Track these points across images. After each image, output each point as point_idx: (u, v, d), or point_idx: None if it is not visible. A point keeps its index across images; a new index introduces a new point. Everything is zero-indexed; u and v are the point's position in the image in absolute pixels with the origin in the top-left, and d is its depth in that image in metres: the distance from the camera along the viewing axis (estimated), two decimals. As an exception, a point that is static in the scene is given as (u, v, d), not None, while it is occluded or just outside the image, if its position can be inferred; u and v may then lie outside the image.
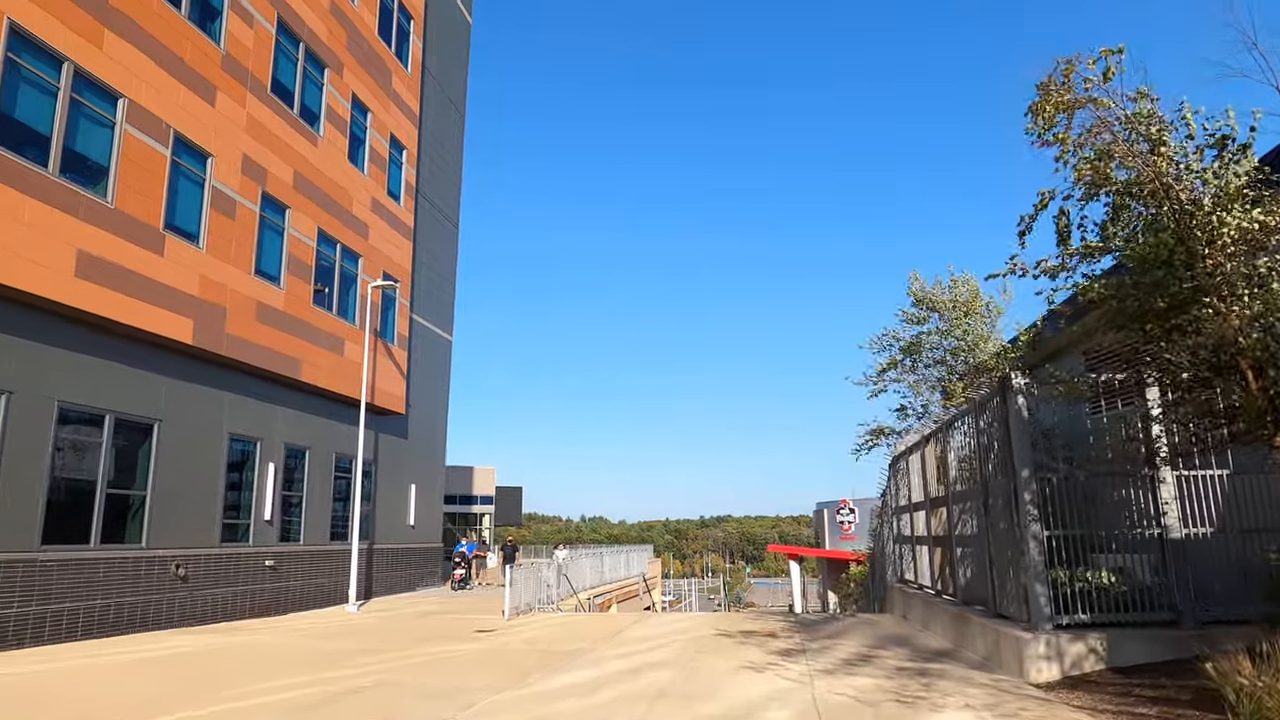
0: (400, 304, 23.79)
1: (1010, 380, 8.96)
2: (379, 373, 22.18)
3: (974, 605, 11.02)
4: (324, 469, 20.24)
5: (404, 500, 24.59)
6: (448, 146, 28.90)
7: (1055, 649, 8.15)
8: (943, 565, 13.03)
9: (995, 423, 9.69)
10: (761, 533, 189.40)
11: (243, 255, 16.80)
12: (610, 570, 26.69)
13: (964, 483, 11.39)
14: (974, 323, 15.69)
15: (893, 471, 17.82)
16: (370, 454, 22.50)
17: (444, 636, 13.89)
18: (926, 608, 13.33)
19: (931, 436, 13.48)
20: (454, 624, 15.99)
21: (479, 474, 65.15)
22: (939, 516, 13.22)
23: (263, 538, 17.62)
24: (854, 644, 11.71)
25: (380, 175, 22.92)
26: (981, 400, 10.19)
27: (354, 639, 13.78)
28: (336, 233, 20.46)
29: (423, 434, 25.93)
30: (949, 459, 11.95)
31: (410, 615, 17.92)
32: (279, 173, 18.15)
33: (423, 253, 26.25)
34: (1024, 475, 8.74)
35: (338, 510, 20.78)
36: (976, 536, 10.66)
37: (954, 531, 11.72)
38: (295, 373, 18.43)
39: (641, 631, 14.12)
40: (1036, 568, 8.50)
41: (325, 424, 20.28)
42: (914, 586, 15.10)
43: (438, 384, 27.52)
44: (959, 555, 11.61)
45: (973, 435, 10.72)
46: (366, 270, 21.78)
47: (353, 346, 20.80)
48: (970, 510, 11.00)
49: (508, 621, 16.43)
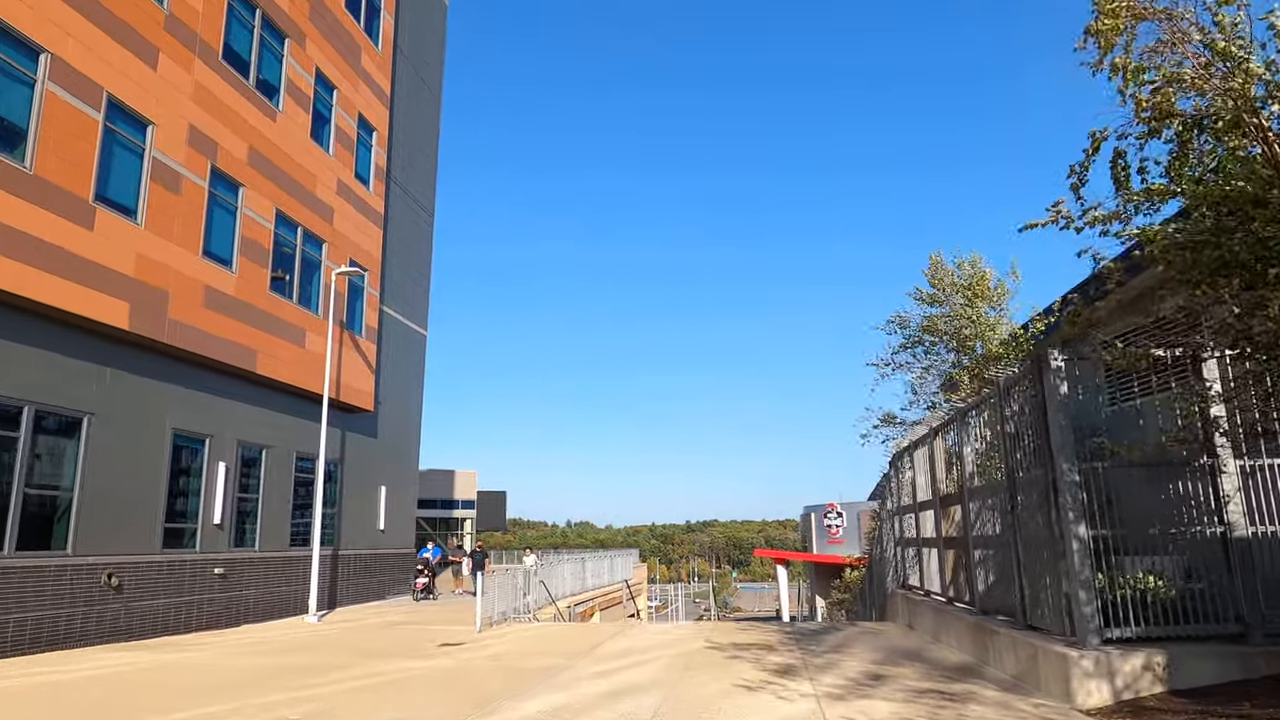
0: (369, 294, 22.40)
1: (1047, 357, 7.75)
2: (345, 367, 20.78)
3: (996, 615, 9.82)
4: (284, 469, 18.81)
5: (373, 503, 23.16)
6: (422, 132, 27.53)
7: (1106, 668, 6.92)
8: (956, 570, 11.82)
9: (1026, 408, 8.48)
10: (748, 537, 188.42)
11: (189, 234, 15.38)
12: (592, 576, 25.33)
13: (984, 478, 10.19)
14: (980, 307, 14.53)
15: (894, 469, 16.63)
16: (335, 453, 21.07)
17: (404, 651, 12.53)
18: (937, 617, 12.11)
19: (943, 428, 12.28)
20: (418, 637, 14.62)
21: (460, 478, 63.54)
22: (951, 516, 12.01)
23: (212, 543, 16.17)
24: (861, 659, 10.46)
25: (347, 157, 21.54)
26: (1008, 383, 8.98)
27: (304, 654, 12.39)
28: (298, 215, 19.07)
29: (394, 433, 24.51)
30: (965, 452, 10.75)
31: (373, 626, 16.51)
32: (231, 147, 16.75)
33: (394, 241, 24.86)
34: (1064, 467, 7.53)
35: (299, 514, 19.34)
36: (1000, 538, 9.45)
37: (971, 532, 10.51)
38: (250, 365, 17.01)
39: (623, 644, 12.81)
40: (1081, 573, 7.28)
41: (285, 420, 18.85)
42: (920, 593, 13.89)
43: (411, 380, 26.12)
44: (977, 559, 10.40)
45: (995, 424, 9.52)
46: (331, 257, 20.39)
47: (315, 338, 19.39)
48: (992, 508, 9.79)
49: (478, 634, 15.07)
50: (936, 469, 12.48)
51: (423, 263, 27.27)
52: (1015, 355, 13.51)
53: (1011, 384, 8.93)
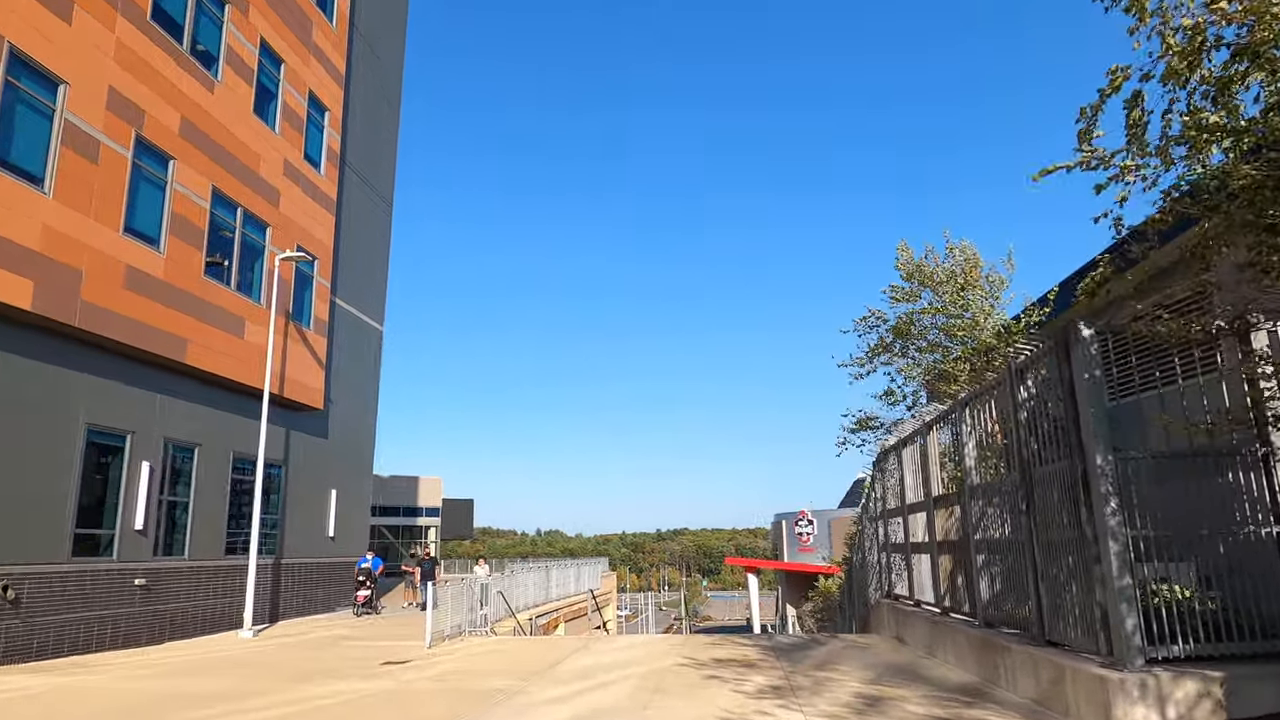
0: (319, 284, 20.92)
1: (1075, 331, 6.68)
2: (291, 361, 19.28)
3: (1003, 628, 8.74)
4: (219, 470, 17.26)
5: (322, 508, 21.62)
6: (381, 117, 26.13)
7: (1156, 693, 5.83)
8: (953, 577, 10.75)
9: (1046, 392, 7.42)
10: (718, 545, 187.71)
11: (108, 208, 13.88)
12: (557, 586, 23.98)
13: (989, 474, 9.12)
14: (973, 296, 13.52)
15: (878, 470, 15.58)
16: (279, 454, 19.53)
17: (341, 672, 11.14)
18: (931, 629, 11.03)
19: (938, 421, 11.23)
20: (361, 654, 13.21)
21: (425, 484, 61.73)
22: (947, 518, 10.94)
23: (133, 551, 14.61)
24: (852, 677, 9.32)
25: (296, 137, 20.09)
26: (1022, 365, 7.91)
27: (225, 677, 10.95)
28: (238, 195, 17.58)
29: (346, 433, 22.99)
30: (965, 447, 9.68)
31: (314, 642, 15.05)
32: (161, 116, 15.26)
33: (349, 230, 23.40)
34: (1099, 458, 6.45)
35: (237, 519, 17.79)
36: (1009, 540, 8.38)
37: (972, 536, 9.43)
38: (180, 354, 15.49)
39: (586, 661, 11.55)
40: (1121, 581, 6.20)
41: (221, 417, 17.31)
42: (909, 603, 12.82)
43: (366, 378, 24.62)
44: (979, 565, 9.32)
45: (1005, 412, 8.45)
46: (277, 242, 18.91)
47: (256, 329, 17.89)
48: (999, 508, 8.71)
49: (427, 650, 13.71)
50: (929, 467, 11.43)
51: (379, 254, 25.81)
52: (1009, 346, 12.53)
53: (1026, 366, 7.86)
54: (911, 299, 14.46)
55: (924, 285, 14.25)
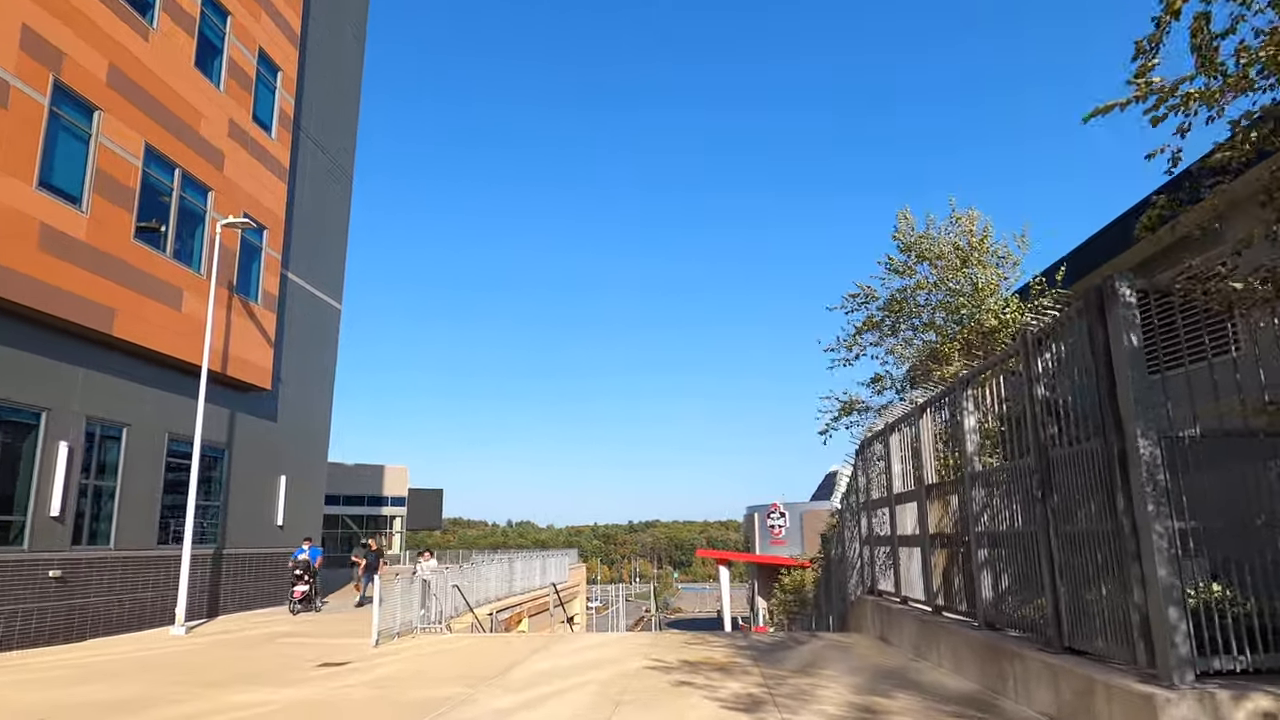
0: (268, 256, 19.53)
1: (1113, 289, 5.71)
2: (235, 337, 17.91)
3: (1008, 630, 7.82)
4: (152, 453, 15.89)
5: (271, 495, 20.28)
6: (341, 83, 24.69)
7: (1214, 714, 4.88)
8: (948, 573, 9.82)
9: (1074, 363, 6.45)
10: (690, 537, 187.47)
11: (18, 159, 12.47)
12: (522, 579, 22.84)
13: (995, 459, 8.17)
14: (980, 273, 12.58)
15: (862, 458, 14.66)
16: (222, 436, 18.17)
17: (269, 676, 9.96)
18: (921, 629, 10.11)
19: (932, 405, 10.28)
20: (298, 654, 12.02)
21: (390, 473, 60.13)
22: (942, 509, 10.01)
23: (47, 540, 13.25)
24: (838, 683, 8.35)
25: (243, 96, 18.65)
26: (1042, 334, 6.94)
27: (136, 682, 9.72)
28: (175, 154, 16.17)
29: (298, 416, 21.64)
30: (965, 429, 8.73)
31: (250, 640, 13.81)
32: (85, 61, 13.84)
33: (304, 201, 22.00)
34: (1139, 438, 5.48)
35: (174, 506, 16.44)
36: (1020, 533, 7.44)
37: (973, 527, 8.49)
38: (105, 325, 14.11)
39: (545, 664, 10.48)
40: (1167, 581, 5.25)
41: (154, 395, 15.93)
42: (894, 600, 11.91)
43: (321, 359, 23.25)
44: (981, 560, 8.38)
45: (1019, 388, 7.50)
46: (220, 208, 17.50)
47: (196, 300, 16.51)
48: (1009, 496, 7.77)
49: (373, 649, 12.56)
50: (923, 453, 10.48)
51: (338, 228, 24.40)
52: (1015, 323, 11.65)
53: (1046, 335, 6.89)
54: (908, 273, 13.53)
55: (922, 259, 13.31)
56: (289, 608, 18.06)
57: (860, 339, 14.09)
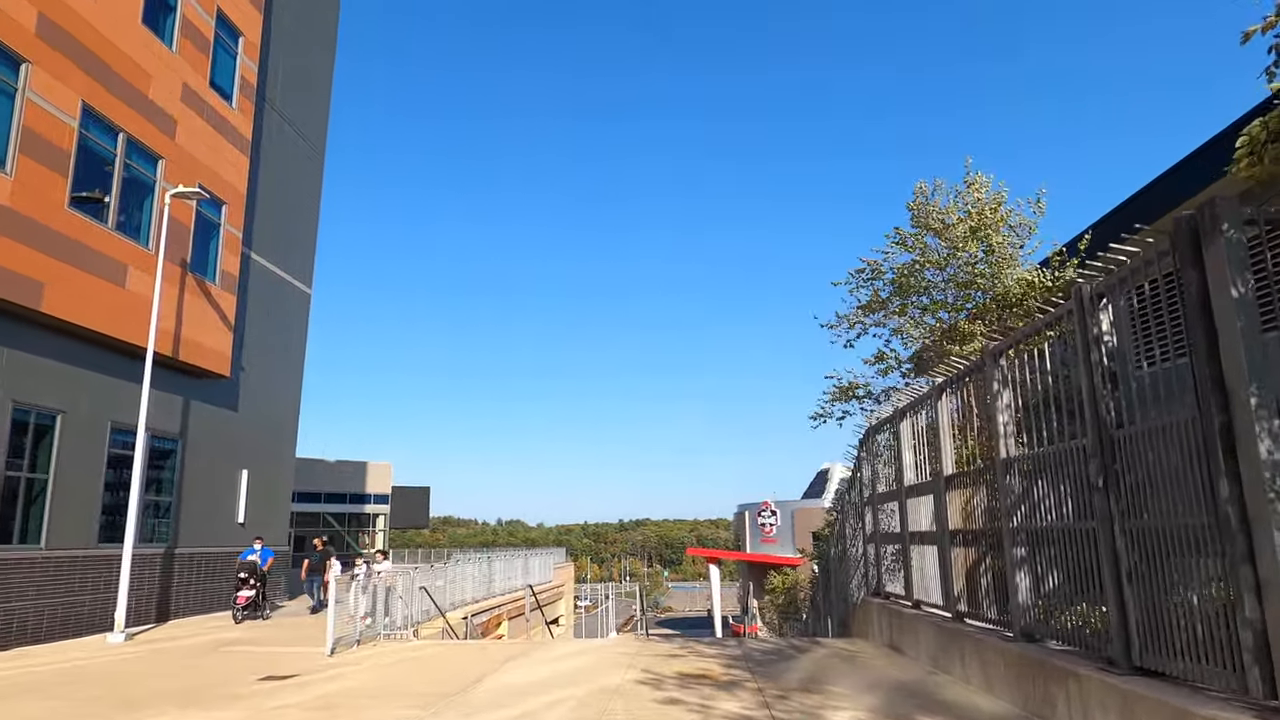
0: (228, 233, 18.17)
1: (1214, 216, 4.52)
2: (188, 318, 16.55)
3: (1049, 642, 6.67)
4: (91, 442, 14.54)
5: (230, 490, 18.93)
6: (312, 55, 23.32)
7: (1369, 770, 3.69)
8: (973, 575, 8.64)
9: (1150, 318, 5.26)
10: (680, 536, 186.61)
11: (-73, 110, 11.12)
12: (502, 579, 21.56)
13: (1038, 441, 6.99)
14: (995, 240, 11.38)
15: (866, 449, 13.49)
16: (174, 426, 16.82)
17: (197, 693, 8.69)
18: (940, 637, 8.94)
19: (951, 385, 9.10)
20: (242, 665, 10.74)
21: (373, 470, 58.62)
22: (965, 501, 8.83)
23: (-35, 538, 11.91)
24: (850, 703, 7.16)
25: (200, 60, 17.28)
26: (1105, 285, 5.75)
27: (43, 699, 8.43)
28: (119, 117, 14.80)
29: (263, 406, 20.29)
30: (998, 407, 7.55)
31: (194, 649, 12.50)
32: (9, 8, 12.48)
33: (270, 178, 20.64)
34: (1254, 406, 4.30)
35: (118, 501, 15.08)
36: (1070, 529, 6.26)
37: (1009, 521, 7.31)
38: (33, 301, 12.77)
39: (518, 676, 9.25)
40: (1295, 588, 4.06)
41: (95, 380, 14.58)
42: (906, 603, 10.74)
43: (289, 345, 21.89)
44: (1017, 559, 7.20)
45: (1071, 355, 6.31)
46: (172, 178, 16.14)
47: (142, 277, 15.15)
48: (1055, 484, 6.58)
49: (328, 659, 11.29)
50: (941, 439, 9.29)
51: (308, 208, 23.04)
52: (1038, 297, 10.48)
53: (1111, 287, 5.70)
54: (916, 247, 12.31)
55: (930, 229, 12.10)
56: (232, 615, 16.04)
57: (864, 317, 12.87)
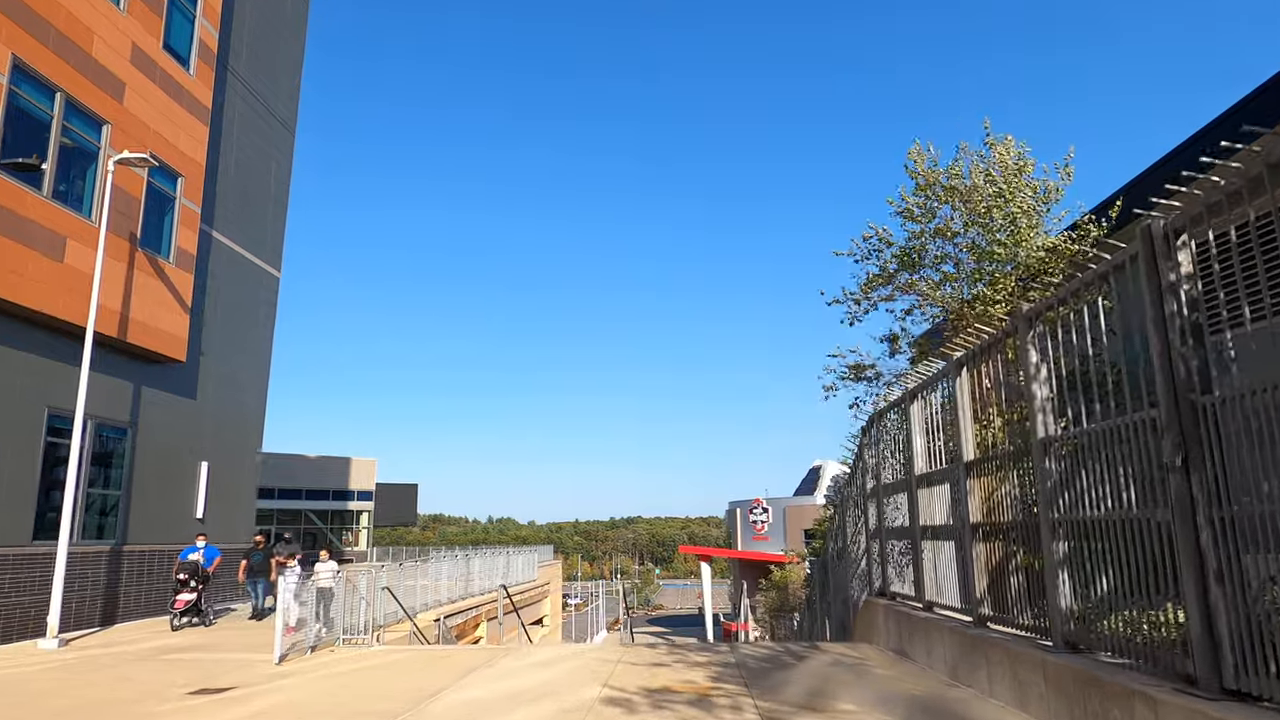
0: (184, 208, 16.93)
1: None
2: (139, 297, 15.33)
3: (1100, 653, 5.60)
4: (25, 431, 13.31)
5: (188, 484, 17.70)
6: (281, 27, 22.06)
7: None
8: (999, 573, 7.55)
9: (1256, 255, 4.17)
10: (671, 534, 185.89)
11: None
12: (481, 578, 20.39)
13: (1087, 416, 5.89)
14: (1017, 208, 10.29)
15: (869, 436, 12.42)
16: (123, 413, 15.59)
17: (116, 709, 7.54)
18: (959, 644, 7.87)
19: (973, 360, 8.01)
20: (175, 676, 9.57)
21: (357, 466, 57.21)
22: (991, 489, 7.74)
23: None
24: (865, 730, 6.06)
25: (152, 20, 16.04)
26: (1182, 223, 4.64)
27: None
28: (56, 75, 13.57)
29: (225, 395, 19.07)
30: (1034, 379, 6.46)
31: (128, 656, 11.31)
32: (-77, -55, 11.26)
33: (234, 152, 19.41)
34: None
35: (61, 495, 13.85)
36: (1133, 519, 5.17)
37: (1047, 513, 6.22)
38: (-47, 272, 11.55)
39: (480, 690, 8.13)
40: None
41: (29, 362, 13.36)
42: (915, 605, 9.67)
43: (255, 330, 20.66)
44: (1059, 557, 6.11)
45: (1123, 319, 5.22)
46: (118, 144, 14.90)
47: (84, 250, 13.93)
48: (1109, 467, 5.49)
49: (275, 669, 10.13)
50: (961, 421, 8.21)
51: (277, 187, 21.79)
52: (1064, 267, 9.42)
53: (1192, 222, 4.60)
54: (926, 217, 11.22)
55: (942, 200, 11.01)
56: (170, 621, 14.18)
57: (871, 292, 11.78)
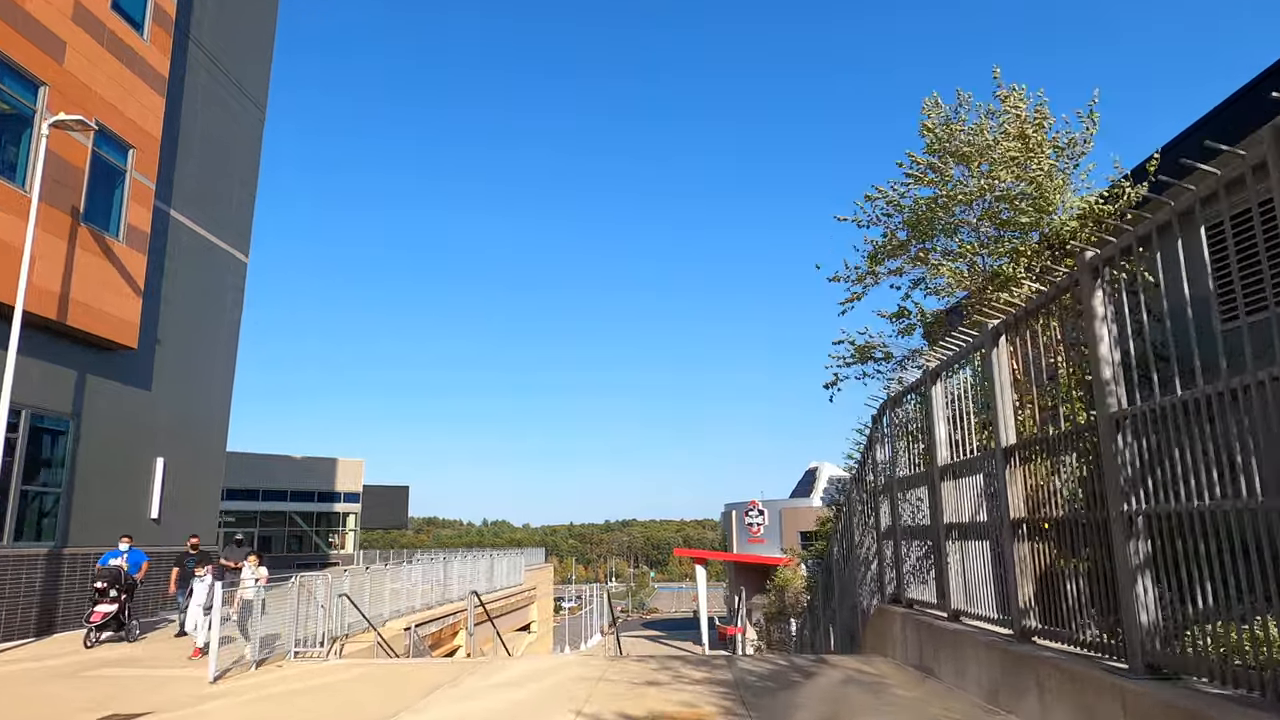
0: (136, 182, 15.63)
1: None
2: (82, 277, 14.03)
3: (1195, 679, 4.40)
4: (-53, 421, 12.01)
5: (142, 481, 16.39)
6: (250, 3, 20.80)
7: None
8: (1050, 580, 6.33)
9: None
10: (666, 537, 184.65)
11: None
12: (460, 583, 19.09)
13: (1184, 383, 4.68)
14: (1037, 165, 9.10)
15: (880, 426, 11.20)
16: (65, 404, 14.29)
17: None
18: (998, 662, 6.65)
19: (1013, 329, 6.80)
20: (90, 696, 8.30)
21: (344, 467, 55.77)
22: (1039, 479, 6.52)
23: None
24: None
25: (99, -24, 14.77)
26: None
27: None
28: (-17, 29, 12.30)
29: (185, 386, 17.76)
30: (1103, 342, 5.26)
31: (47, 673, 10.02)
32: None
33: (193, 126, 18.13)
34: None
35: None
36: (1247, 510, 3.96)
37: (1121, 505, 5.01)
38: None
39: (439, 713, 6.88)
40: None
41: (-49, 345, 12.07)
42: (939, 614, 8.45)
43: (219, 318, 19.35)
44: (1138, 561, 4.91)
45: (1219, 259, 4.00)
46: (57, 108, 13.60)
47: (11, 221, 12.64)
48: (1225, 444, 4.28)
49: (210, 688, 8.86)
50: (999, 400, 6.98)
51: (245, 167, 20.49)
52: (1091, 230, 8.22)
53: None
54: (940, 180, 10.01)
55: (957, 156, 9.80)
56: (85, 637, 12.22)
57: (875, 266, 10.55)
